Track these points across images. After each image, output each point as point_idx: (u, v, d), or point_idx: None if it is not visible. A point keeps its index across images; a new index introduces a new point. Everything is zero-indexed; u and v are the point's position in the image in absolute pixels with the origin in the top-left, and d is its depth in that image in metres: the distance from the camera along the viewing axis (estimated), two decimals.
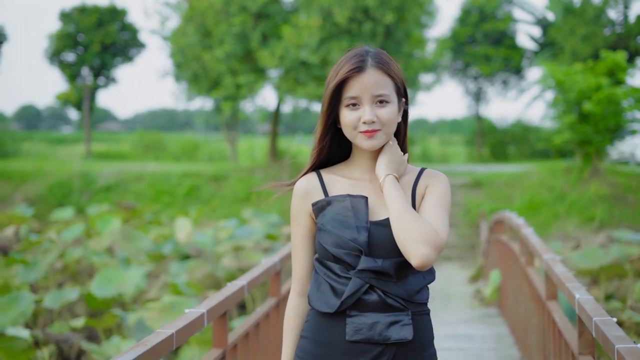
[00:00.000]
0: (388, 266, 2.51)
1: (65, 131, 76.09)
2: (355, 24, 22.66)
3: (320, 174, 2.73)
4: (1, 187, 24.72)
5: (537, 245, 5.33)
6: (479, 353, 7.07)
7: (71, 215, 19.30)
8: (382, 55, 2.65)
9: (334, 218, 2.58)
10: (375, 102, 2.58)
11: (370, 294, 2.53)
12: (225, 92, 24.02)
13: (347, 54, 2.66)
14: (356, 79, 2.57)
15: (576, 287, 3.80)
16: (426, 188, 2.65)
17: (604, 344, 2.94)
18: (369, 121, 2.55)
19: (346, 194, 2.62)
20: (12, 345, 8.55)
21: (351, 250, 2.52)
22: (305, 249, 2.71)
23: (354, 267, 2.54)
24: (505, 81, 36.10)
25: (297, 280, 2.74)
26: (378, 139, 2.59)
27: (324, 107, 2.65)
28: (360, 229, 2.53)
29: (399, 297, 2.54)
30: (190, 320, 3.31)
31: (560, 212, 19.37)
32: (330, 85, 2.62)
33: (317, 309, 2.60)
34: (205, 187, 23.58)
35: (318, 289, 2.62)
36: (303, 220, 2.70)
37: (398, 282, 2.54)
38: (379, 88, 2.58)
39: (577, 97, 19.56)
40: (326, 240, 2.57)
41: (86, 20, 37.26)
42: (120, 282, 9.93)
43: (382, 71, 2.60)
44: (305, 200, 2.68)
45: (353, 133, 2.60)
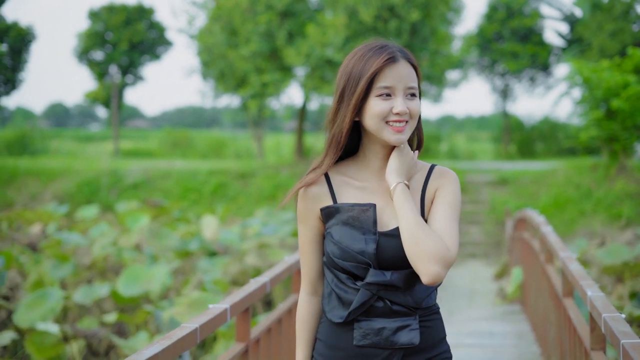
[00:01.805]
0: (397, 279, 2.50)
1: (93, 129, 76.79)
2: (380, 22, 22.72)
3: (329, 176, 2.65)
4: (31, 185, 25.06)
5: (555, 244, 5.42)
6: (500, 349, 7.15)
7: (96, 213, 19.58)
8: (406, 49, 2.62)
9: (341, 228, 2.54)
10: (406, 95, 2.55)
11: (378, 301, 2.53)
12: (252, 90, 24.19)
13: (369, 45, 2.60)
14: (391, 69, 2.52)
15: (589, 284, 3.89)
16: (436, 190, 2.60)
17: (611, 339, 3.05)
18: (402, 112, 2.50)
19: (354, 203, 2.56)
20: (42, 339, 8.76)
21: (359, 263, 2.50)
22: (314, 250, 2.68)
23: (362, 278, 2.52)
24: (533, 78, 35.92)
25: (307, 280, 2.72)
26: (406, 133, 2.54)
27: (355, 97, 2.54)
28: (368, 240, 2.50)
29: (406, 304, 2.53)
30: (214, 316, 3.45)
31: (587, 210, 19.32)
32: (366, 75, 2.51)
33: (328, 318, 2.60)
34: (231, 184, 23.76)
35: (329, 297, 2.61)
36: (311, 223, 2.65)
37: (406, 292, 2.53)
38: (411, 80, 2.55)
39: (604, 94, 19.49)
40: (334, 251, 2.54)
41: (114, 19, 37.62)
42: (146, 279, 10.11)
43: (411, 64, 2.58)
44: (314, 203, 2.63)
45: (380, 124, 2.53)
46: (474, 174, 23.28)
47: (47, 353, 8.85)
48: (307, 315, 2.72)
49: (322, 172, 2.62)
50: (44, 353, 8.84)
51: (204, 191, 23.58)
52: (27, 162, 27.94)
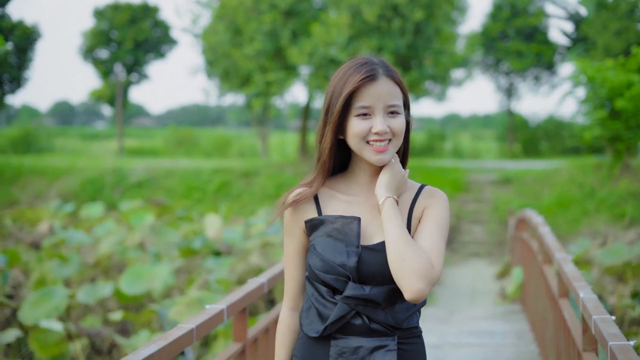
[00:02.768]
0: (376, 294, 2.43)
1: (98, 126, 76.98)
2: (384, 21, 22.74)
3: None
4: (35, 183, 25.14)
5: (551, 244, 5.47)
6: (499, 349, 7.20)
7: (101, 211, 19.65)
8: (390, 64, 2.55)
9: (324, 240, 2.49)
10: (387, 113, 2.48)
11: (356, 318, 2.46)
12: (256, 89, 24.25)
13: (352, 62, 2.55)
14: (369, 88, 2.46)
15: (582, 286, 3.94)
16: (424, 210, 2.54)
17: (600, 341, 3.09)
18: (382, 132, 2.45)
19: (338, 215, 2.52)
20: (45, 337, 8.83)
21: (339, 275, 2.44)
22: (298, 264, 2.64)
23: (341, 292, 2.46)
24: (537, 77, 35.91)
25: (289, 295, 2.67)
26: (388, 153, 2.49)
27: (334, 117, 2.50)
28: (350, 253, 2.45)
29: (385, 323, 2.46)
30: (211, 316, 3.50)
31: (590, 209, 19.32)
32: (343, 94, 2.47)
33: (304, 332, 2.56)
34: (235, 183, 23.82)
35: (308, 310, 2.56)
36: (296, 236, 2.61)
37: (386, 309, 2.46)
38: (392, 98, 2.49)
39: (608, 94, 19.49)
40: (315, 263, 2.49)
41: (119, 18, 37.76)
42: (149, 278, 10.17)
43: (393, 81, 2.51)
44: (299, 216, 2.59)
45: (361, 144, 2.49)
46: (477, 173, 23.31)
47: (51, 351, 8.91)
48: (287, 330, 2.66)
49: (311, 193, 2.57)
50: (48, 351, 8.90)
51: (207, 190, 23.64)
52: (32, 161, 28.04)
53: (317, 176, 2.59)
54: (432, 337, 7.78)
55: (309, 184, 2.60)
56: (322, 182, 2.58)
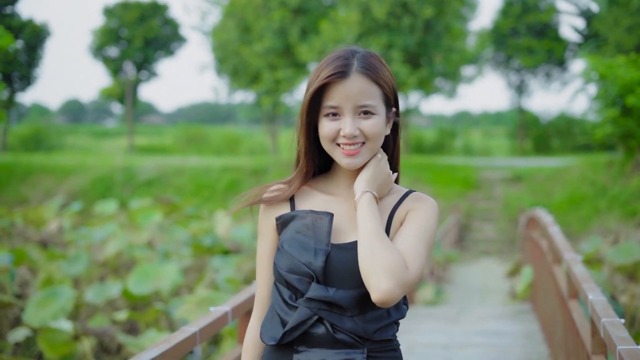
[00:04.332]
0: (341, 297, 2.16)
1: (108, 124, 77.15)
2: (394, 18, 22.69)
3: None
4: (45, 181, 25.20)
5: (561, 244, 5.42)
6: (508, 349, 7.14)
7: (115, 208, 19.68)
8: (371, 58, 2.27)
9: (293, 237, 2.25)
10: (358, 114, 2.22)
11: (319, 326, 2.19)
12: (265, 87, 24.25)
13: (330, 55, 2.29)
14: (338, 86, 2.21)
15: (591, 287, 3.89)
16: (407, 213, 2.28)
17: (609, 344, 3.04)
18: (349, 135, 2.20)
19: (309, 210, 2.28)
20: (54, 337, 8.82)
21: (303, 275, 2.19)
22: (269, 268, 2.36)
23: (304, 295, 2.20)
24: (548, 73, 35.78)
25: (258, 302, 2.39)
26: (360, 156, 2.24)
27: (303, 116, 2.27)
28: (318, 251, 2.20)
29: (352, 333, 2.18)
30: (215, 319, 3.45)
31: (602, 207, 19.23)
32: (308, 91, 2.24)
33: (263, 341, 2.27)
34: (245, 181, 23.81)
35: (271, 320, 2.28)
36: (268, 236, 2.35)
37: (355, 317, 2.18)
38: (363, 97, 2.21)
39: (620, 91, 19.38)
40: (280, 262, 2.24)
41: (129, 16, 37.87)
42: (156, 277, 10.15)
43: (369, 78, 2.23)
44: (271, 213, 2.35)
45: (331, 146, 2.25)
46: (488, 171, 23.22)
47: (60, 350, 8.90)
48: (254, 345, 2.37)
49: (287, 196, 2.35)
50: (57, 350, 8.89)
51: (217, 188, 23.64)
52: (42, 159, 28.10)
53: (295, 178, 2.36)
54: (441, 337, 7.73)
55: (288, 183, 2.37)
56: (299, 185, 2.34)
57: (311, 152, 2.33)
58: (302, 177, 2.34)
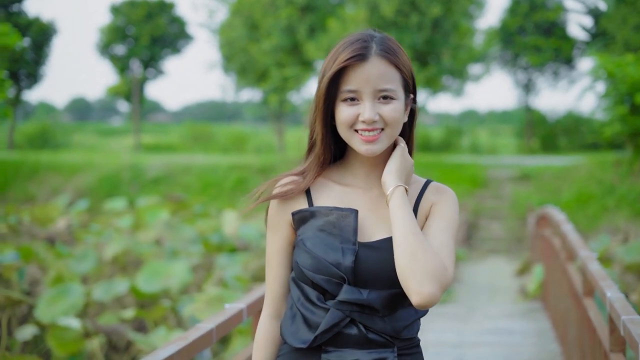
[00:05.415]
0: (375, 299, 2.12)
1: (115, 123, 77.17)
2: (402, 16, 22.66)
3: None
4: (52, 179, 25.22)
5: (575, 242, 5.38)
6: (519, 348, 7.11)
7: (124, 206, 19.69)
8: (389, 42, 2.20)
9: (315, 235, 2.17)
10: (377, 98, 2.16)
11: (351, 327, 2.15)
12: (272, 85, 24.25)
13: (347, 38, 2.22)
14: (356, 69, 2.14)
15: (608, 285, 3.85)
16: (432, 206, 2.23)
17: (629, 341, 3.01)
18: (369, 120, 2.13)
19: (333, 207, 2.19)
20: (63, 334, 8.81)
21: (332, 276, 2.13)
22: (282, 264, 2.29)
23: (333, 296, 2.15)
24: (556, 72, 35.69)
25: (270, 299, 2.32)
26: (379, 143, 2.17)
27: (320, 101, 2.20)
28: (346, 251, 2.13)
29: (383, 332, 2.15)
30: (230, 316, 3.44)
31: (610, 206, 19.17)
32: (326, 75, 2.18)
33: (289, 343, 2.22)
34: (252, 179, 23.78)
35: (292, 319, 2.22)
36: (282, 230, 2.27)
37: (385, 317, 2.15)
38: (383, 81, 2.15)
39: (629, 89, 19.31)
40: (304, 262, 2.17)
41: (136, 14, 37.91)
42: (166, 275, 10.14)
43: (389, 61, 2.17)
44: (285, 207, 2.26)
45: (349, 133, 2.18)
46: (496, 169, 23.16)
47: (69, 348, 8.89)
48: (266, 341, 2.31)
49: (302, 188, 2.26)
50: (66, 348, 8.89)
51: (224, 186, 23.63)
52: (49, 157, 28.13)
53: (311, 168, 2.27)
54: (451, 336, 7.70)
55: (301, 174, 2.29)
56: (315, 175, 2.26)
57: (328, 139, 2.25)
58: (318, 167, 2.26)
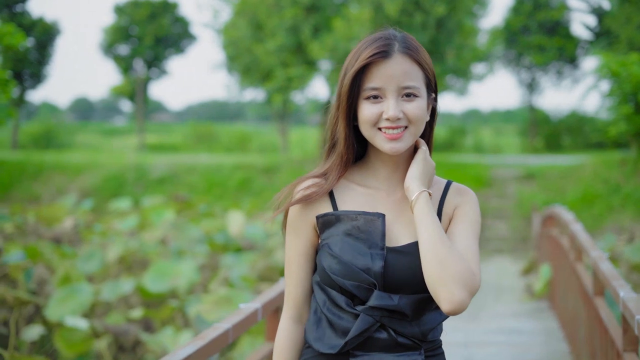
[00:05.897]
0: (405, 305, 2.13)
1: (118, 122, 77.20)
2: (406, 15, 22.66)
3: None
4: (57, 179, 25.25)
5: (585, 242, 5.39)
6: (528, 347, 7.12)
7: (129, 206, 19.72)
8: (412, 40, 2.22)
9: (343, 239, 2.16)
10: (401, 96, 2.16)
11: (380, 331, 2.15)
12: (277, 84, 24.26)
13: (369, 37, 2.22)
14: (380, 66, 2.15)
15: (621, 285, 3.86)
16: (455, 209, 2.24)
17: None
18: (394, 117, 2.13)
19: (360, 211, 2.18)
20: (70, 335, 8.83)
21: (362, 282, 2.12)
22: (304, 267, 2.28)
23: (362, 301, 2.15)
24: (560, 71, 35.66)
25: (291, 303, 2.31)
26: (403, 140, 2.16)
27: (342, 100, 2.19)
28: (374, 256, 2.13)
29: (412, 336, 2.16)
30: (246, 316, 3.46)
31: (615, 205, 19.16)
32: (348, 73, 2.17)
33: (315, 348, 2.21)
34: (256, 179, 23.81)
35: (317, 324, 2.22)
36: (304, 233, 2.26)
37: (413, 321, 2.16)
38: (407, 79, 2.15)
39: (633, 88, 19.32)
40: (331, 266, 2.15)
41: (139, 14, 37.95)
42: (173, 275, 10.16)
43: (412, 59, 2.18)
44: (309, 210, 2.24)
45: (372, 131, 2.17)
46: (500, 169, 23.15)
47: (76, 348, 8.91)
48: (288, 345, 2.29)
49: (326, 190, 2.23)
50: (73, 348, 8.91)
51: (228, 186, 23.64)
52: (53, 156, 28.16)
53: (333, 169, 2.25)
54: (459, 336, 7.71)
55: (322, 176, 2.26)
56: (339, 176, 2.24)
57: (351, 138, 2.23)
58: (341, 167, 2.24)
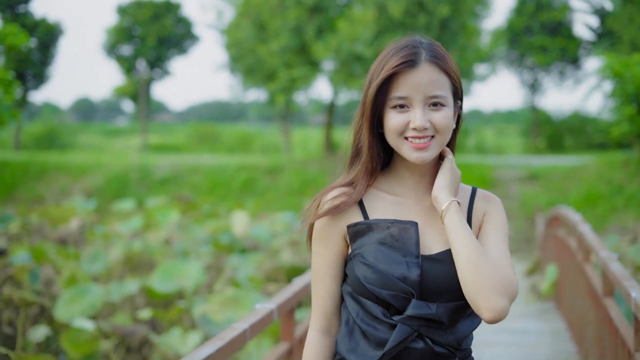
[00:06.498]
0: (443, 313, 2.10)
1: (119, 123, 77.23)
2: (410, 17, 22.71)
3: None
4: (61, 180, 25.29)
5: (594, 243, 5.42)
6: (535, 347, 7.15)
7: (132, 207, 19.74)
8: (438, 48, 2.20)
9: (377, 249, 2.13)
10: (428, 105, 2.13)
11: (417, 341, 2.12)
12: (280, 85, 24.30)
13: (394, 44, 2.19)
14: (406, 75, 2.12)
15: (632, 285, 3.89)
16: (484, 216, 2.23)
17: None
18: (421, 127, 2.10)
19: (393, 219, 2.15)
20: (77, 336, 8.86)
21: (399, 291, 2.09)
22: (333, 278, 2.24)
23: (399, 311, 2.12)
24: (562, 71, 35.70)
25: (320, 314, 2.25)
26: (430, 150, 2.14)
27: (367, 108, 2.17)
28: (410, 264, 2.10)
29: (449, 345, 2.14)
30: (262, 316, 3.49)
31: (618, 206, 19.19)
32: (374, 82, 2.14)
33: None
34: (260, 179, 23.84)
35: (350, 335, 2.19)
36: (334, 244, 2.22)
37: (448, 330, 2.14)
38: (435, 88, 2.13)
39: (636, 89, 19.33)
40: (366, 276, 2.12)
41: (142, 14, 38.02)
42: (180, 276, 10.18)
43: (439, 67, 2.15)
44: (338, 219, 2.20)
45: (398, 141, 2.15)
46: (503, 169, 23.17)
47: (83, 349, 8.94)
48: (317, 357, 2.24)
49: (355, 199, 2.20)
50: (80, 349, 8.94)
51: (232, 186, 23.68)
52: (56, 157, 28.20)
53: (360, 178, 2.22)
54: None
55: (349, 185, 2.23)
56: (366, 184, 2.21)
57: (375, 147, 2.21)
58: (367, 176, 2.21)
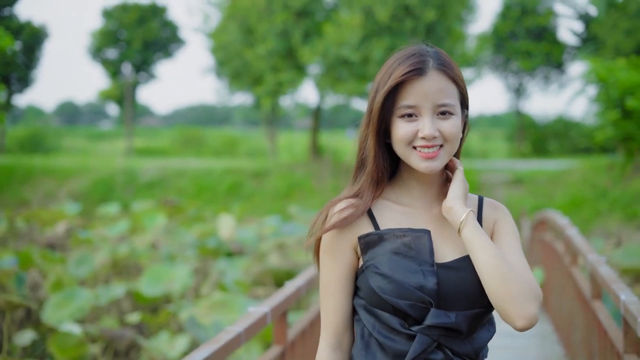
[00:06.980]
0: (461, 321, 2.05)
1: (104, 127, 76.97)
2: (396, 21, 22.78)
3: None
4: (46, 183, 25.19)
5: (582, 246, 5.46)
6: (524, 350, 7.19)
7: (117, 211, 19.68)
8: (445, 56, 2.17)
9: (391, 258, 2.07)
10: (436, 114, 2.09)
11: (436, 352, 2.07)
12: (267, 89, 24.31)
13: (400, 53, 2.15)
14: (414, 84, 2.07)
15: (621, 288, 3.92)
16: (495, 224, 2.20)
17: None
18: (429, 136, 2.06)
19: (406, 228, 2.11)
20: (65, 340, 8.83)
21: (417, 301, 2.04)
22: (344, 291, 2.17)
23: (417, 321, 2.06)
24: (547, 76, 35.92)
25: (331, 329, 2.19)
26: (439, 159, 2.10)
27: (374, 117, 2.11)
28: (426, 273, 2.05)
29: (467, 355, 2.09)
30: (256, 319, 3.51)
31: (603, 209, 19.31)
32: (381, 90, 2.09)
33: None
34: (246, 183, 23.84)
35: (367, 349, 2.13)
36: (343, 256, 2.16)
37: (466, 339, 2.09)
38: (443, 96, 2.09)
39: (620, 94, 19.46)
40: (382, 287, 2.06)
41: (128, 18, 37.95)
42: (168, 279, 10.18)
43: (447, 75, 2.12)
44: (347, 231, 2.14)
45: (407, 150, 2.10)
46: (489, 174, 23.28)
47: (70, 353, 8.91)
48: None
49: (363, 210, 2.14)
50: (67, 353, 8.90)
51: (218, 190, 23.66)
52: (42, 161, 28.09)
53: (366, 189, 2.16)
54: None
55: (356, 196, 2.17)
56: (373, 195, 2.15)
57: (381, 157, 2.16)
58: (374, 186, 2.16)
